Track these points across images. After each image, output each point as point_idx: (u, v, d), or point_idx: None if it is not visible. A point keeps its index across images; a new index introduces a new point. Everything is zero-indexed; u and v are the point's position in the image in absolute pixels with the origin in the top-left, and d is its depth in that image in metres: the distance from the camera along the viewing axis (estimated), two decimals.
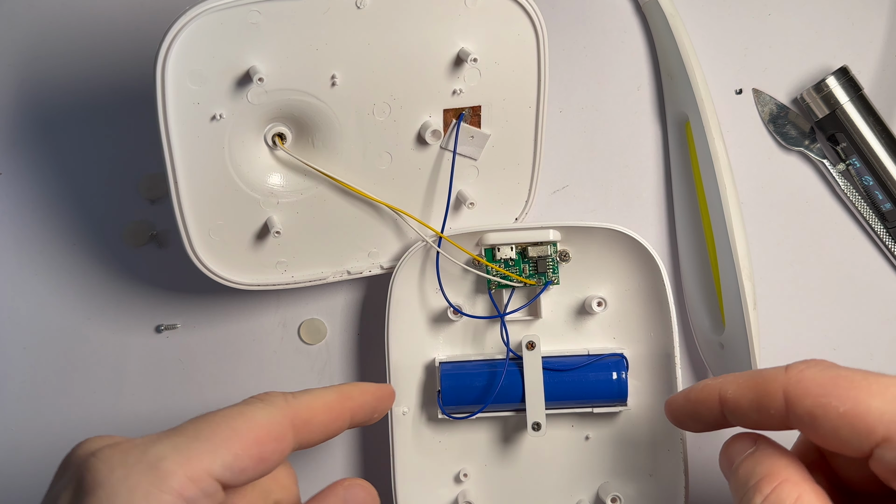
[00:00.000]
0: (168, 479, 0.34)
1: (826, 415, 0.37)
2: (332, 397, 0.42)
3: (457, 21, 0.50)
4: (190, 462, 0.34)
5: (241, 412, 0.37)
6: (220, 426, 0.36)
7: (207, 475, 0.35)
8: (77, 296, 0.58)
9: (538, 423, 0.52)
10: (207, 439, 0.35)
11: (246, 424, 0.37)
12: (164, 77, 0.46)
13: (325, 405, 0.41)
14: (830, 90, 0.57)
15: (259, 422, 0.37)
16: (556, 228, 0.53)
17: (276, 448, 0.38)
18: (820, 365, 0.39)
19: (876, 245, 0.59)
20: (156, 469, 0.34)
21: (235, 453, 0.36)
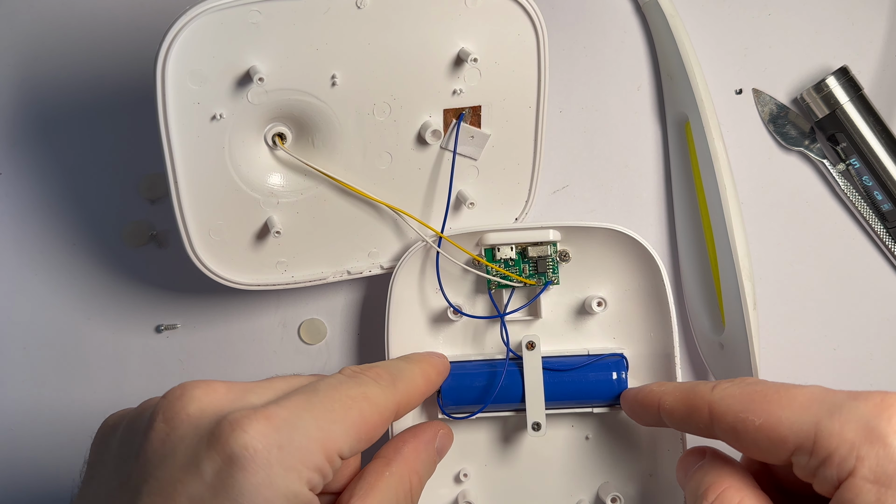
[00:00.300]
0: (313, 458, 0.36)
1: (745, 429, 0.39)
2: (422, 384, 0.46)
3: (457, 21, 0.50)
4: (328, 442, 0.37)
5: (365, 395, 0.40)
6: (351, 409, 0.39)
7: (338, 454, 0.38)
8: (77, 296, 0.58)
9: (538, 423, 0.52)
10: (342, 421, 0.38)
11: (370, 409, 0.40)
12: (165, 77, 0.46)
13: (419, 393, 0.46)
14: (830, 90, 0.57)
15: (378, 407, 0.40)
16: (555, 228, 0.53)
17: (384, 430, 0.41)
18: (743, 382, 0.42)
19: (876, 245, 0.59)
20: (305, 449, 0.36)
21: (359, 437, 0.39)
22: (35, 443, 0.58)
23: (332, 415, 0.38)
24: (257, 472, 0.35)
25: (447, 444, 0.49)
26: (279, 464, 0.35)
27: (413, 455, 0.45)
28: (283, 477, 0.35)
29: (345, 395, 0.39)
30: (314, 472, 0.36)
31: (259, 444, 0.35)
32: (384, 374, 0.43)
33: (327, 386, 0.39)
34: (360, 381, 0.41)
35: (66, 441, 0.58)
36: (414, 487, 0.44)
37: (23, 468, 0.58)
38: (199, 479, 0.35)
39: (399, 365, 0.46)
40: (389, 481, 0.42)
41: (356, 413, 0.39)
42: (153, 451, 0.37)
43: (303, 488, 0.36)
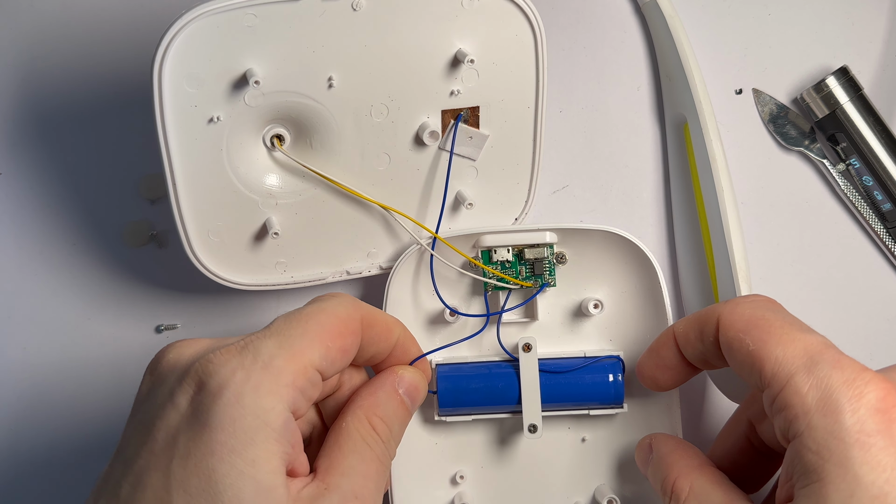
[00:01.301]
0: (283, 375, 0.37)
1: (739, 348, 0.41)
2: (390, 319, 0.46)
3: (454, 22, 0.50)
4: (294, 357, 0.38)
5: (322, 308, 0.41)
6: (310, 322, 0.40)
7: (310, 366, 0.39)
8: (77, 296, 0.58)
9: (534, 424, 0.53)
10: (302, 335, 0.39)
11: (329, 320, 0.40)
12: (161, 80, 0.46)
13: (383, 317, 0.45)
14: (830, 90, 0.57)
15: (339, 316, 0.41)
16: (552, 231, 0.53)
17: (354, 341, 0.42)
18: (756, 302, 0.43)
19: (876, 245, 0.59)
20: (270, 367, 0.37)
21: (327, 345, 0.40)
22: (35, 443, 0.58)
23: (290, 330, 0.39)
24: (223, 393, 0.36)
25: (415, 384, 0.47)
26: (245, 383, 0.36)
27: (368, 400, 0.44)
28: (251, 395, 0.36)
29: (300, 314, 0.40)
30: (287, 388, 0.37)
31: (222, 370, 0.37)
32: (347, 295, 0.44)
33: (282, 316, 0.41)
34: (316, 300, 0.42)
35: (66, 441, 0.58)
36: (378, 428, 0.43)
37: (23, 468, 0.58)
38: (175, 411, 0.37)
39: None
40: (350, 430, 0.42)
41: (314, 324, 0.40)
42: (140, 401, 0.40)
43: (276, 405, 0.37)
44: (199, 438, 0.36)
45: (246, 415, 0.36)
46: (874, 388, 0.37)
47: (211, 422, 0.36)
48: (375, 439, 0.43)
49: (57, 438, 0.58)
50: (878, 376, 0.38)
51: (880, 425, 0.36)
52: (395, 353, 0.47)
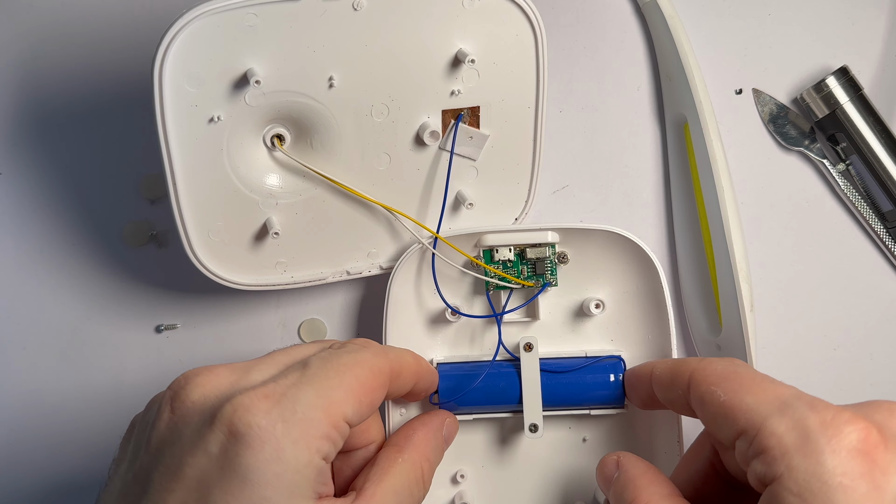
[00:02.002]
0: (320, 426, 0.37)
1: (711, 401, 0.41)
2: (411, 360, 0.46)
3: (454, 22, 0.50)
4: (331, 409, 0.38)
5: (358, 361, 0.41)
6: (347, 375, 0.39)
7: (343, 420, 0.38)
8: (77, 296, 0.58)
9: (535, 424, 0.52)
10: (339, 386, 0.39)
11: (363, 372, 0.40)
12: (162, 80, 0.46)
13: (408, 364, 0.45)
14: (830, 90, 0.57)
15: (374, 370, 0.41)
16: (554, 230, 0.53)
17: (382, 394, 0.42)
18: (730, 362, 0.43)
19: (876, 245, 0.59)
20: (309, 419, 0.37)
21: (360, 399, 0.39)
22: (35, 443, 0.58)
23: (329, 382, 0.39)
24: (263, 447, 0.36)
25: (453, 431, 0.50)
26: (285, 437, 0.36)
27: (423, 442, 0.46)
28: (291, 450, 0.36)
29: (337, 363, 0.40)
30: (322, 440, 0.37)
31: (263, 421, 0.36)
32: (371, 342, 0.44)
33: (318, 360, 0.40)
34: (349, 350, 0.42)
35: (66, 441, 0.58)
36: (425, 473, 0.45)
37: (23, 468, 0.58)
38: (206, 457, 0.36)
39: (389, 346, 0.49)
40: (402, 467, 0.43)
41: (351, 377, 0.40)
42: (161, 439, 0.38)
43: (313, 457, 0.37)
44: (237, 492, 0.35)
45: (288, 471, 0.36)
46: (854, 428, 0.36)
47: (251, 476, 0.35)
48: (421, 485, 0.44)
49: (57, 438, 0.58)
50: (856, 415, 0.37)
51: (862, 468, 0.35)
52: (416, 386, 0.48)
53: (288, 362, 0.41)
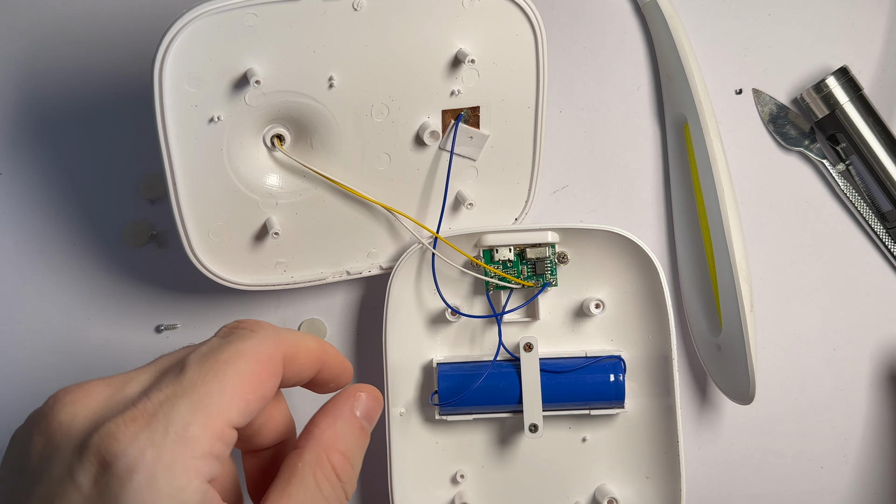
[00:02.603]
0: (199, 445, 0.33)
1: None
2: (313, 343, 0.41)
3: (455, 22, 0.50)
4: (212, 421, 0.34)
5: (241, 352, 0.36)
6: (228, 374, 0.35)
7: (228, 427, 0.34)
8: (77, 296, 0.58)
9: (535, 424, 0.53)
10: (220, 391, 0.34)
11: (248, 366, 0.36)
12: (162, 80, 0.46)
13: (307, 348, 0.40)
14: (830, 90, 0.57)
15: (261, 360, 0.36)
16: (554, 230, 0.53)
17: (275, 384, 0.37)
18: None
19: (876, 245, 0.59)
20: (184, 438, 0.33)
21: (247, 399, 0.35)
22: None
23: (206, 388, 0.34)
24: (133, 477, 0.32)
25: (373, 405, 0.42)
26: (157, 463, 0.32)
27: (328, 433, 0.39)
28: (165, 476, 0.32)
29: (216, 360, 0.35)
30: (203, 460, 0.33)
31: (130, 449, 0.32)
32: (263, 324, 0.38)
33: (197, 357, 0.35)
34: (232, 340, 0.37)
35: None
36: (339, 468, 0.39)
37: None
38: (77, 492, 0.32)
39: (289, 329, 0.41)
40: (304, 472, 0.38)
41: (234, 375, 0.35)
42: (32, 465, 0.34)
43: (192, 481, 0.33)
44: None
45: (161, 499, 0.32)
46: None
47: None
48: (335, 484, 0.38)
49: None
50: None
51: None
52: (321, 374, 0.42)
53: (167, 366, 0.36)
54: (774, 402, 0.59)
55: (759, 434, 0.59)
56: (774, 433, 0.59)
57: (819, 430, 0.60)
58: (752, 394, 0.53)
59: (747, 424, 0.59)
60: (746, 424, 0.59)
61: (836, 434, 0.60)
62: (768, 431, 0.59)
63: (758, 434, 0.59)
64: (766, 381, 0.59)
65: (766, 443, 0.59)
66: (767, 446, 0.59)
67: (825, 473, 0.60)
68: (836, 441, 0.59)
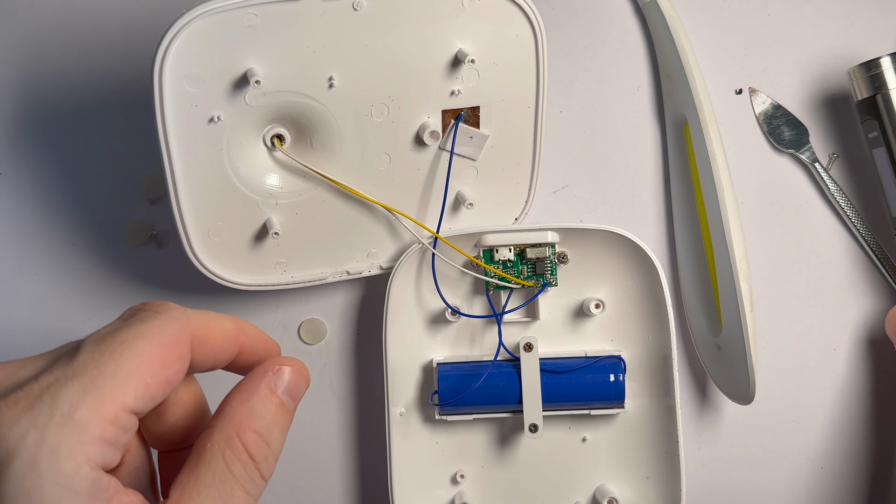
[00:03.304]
0: (88, 429, 0.31)
1: None
2: (229, 324, 0.38)
3: (455, 22, 0.50)
4: (104, 404, 0.31)
5: (141, 334, 0.33)
6: (124, 355, 0.32)
7: (124, 411, 0.32)
8: (77, 296, 0.58)
9: (535, 424, 0.53)
10: (115, 374, 0.32)
11: (148, 347, 0.33)
12: (162, 80, 0.46)
13: (221, 329, 0.37)
14: (881, 71, 0.55)
15: (164, 342, 0.34)
16: (554, 230, 0.53)
17: (181, 368, 0.34)
18: None
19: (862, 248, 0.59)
20: (71, 421, 0.30)
21: (146, 382, 0.32)
22: None
23: (100, 369, 0.32)
24: (13, 462, 0.30)
25: (297, 380, 0.38)
26: (39, 447, 0.30)
27: (240, 410, 0.36)
28: (48, 461, 0.30)
29: (112, 342, 0.33)
30: (94, 445, 0.31)
31: (10, 433, 0.30)
32: (170, 306, 0.35)
33: (93, 339, 0.33)
34: (133, 322, 0.34)
35: None
36: (252, 446, 0.35)
37: None
38: None
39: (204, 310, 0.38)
40: (213, 452, 0.35)
41: (131, 357, 0.32)
42: None
43: (81, 467, 0.30)
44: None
45: (44, 484, 0.30)
46: None
47: (4, 497, 0.30)
48: (247, 463, 0.35)
49: None
50: None
51: None
52: (242, 356, 0.39)
53: (64, 351, 0.34)
54: (774, 402, 0.59)
55: (759, 434, 0.59)
56: (774, 433, 0.59)
57: (819, 430, 0.60)
58: (752, 394, 0.53)
59: (747, 424, 0.59)
60: (746, 424, 0.59)
61: (836, 434, 0.60)
62: (768, 431, 0.59)
63: (758, 434, 0.59)
64: (766, 381, 0.59)
65: (766, 443, 0.59)
66: (767, 446, 0.59)
67: (825, 473, 0.60)
68: (836, 441, 0.59)
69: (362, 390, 0.59)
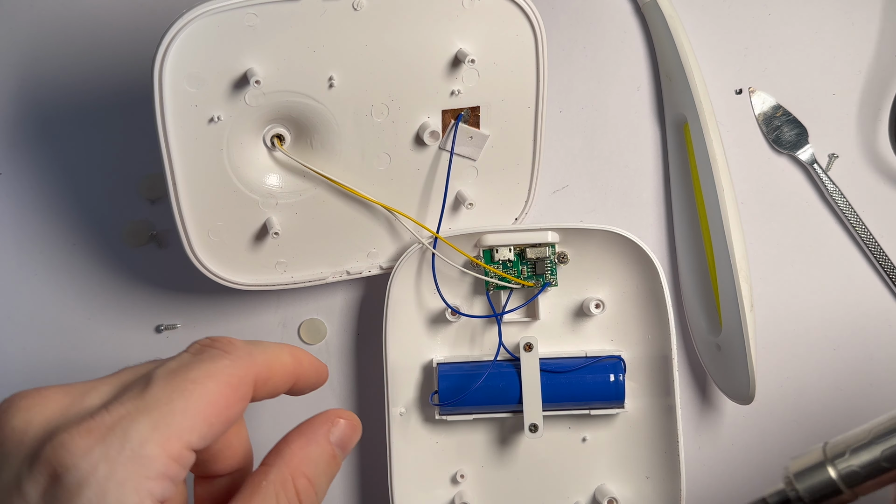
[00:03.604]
0: (154, 465, 0.32)
1: None
2: (287, 359, 0.39)
3: (454, 22, 0.50)
4: (170, 441, 0.32)
5: (211, 374, 0.34)
6: (195, 394, 0.33)
7: (186, 449, 0.33)
8: (77, 296, 0.58)
9: (535, 424, 0.53)
10: (183, 411, 0.33)
11: (217, 388, 0.34)
12: (162, 80, 0.46)
13: (281, 364, 0.39)
14: None
15: (229, 382, 0.35)
16: (554, 230, 0.53)
17: (243, 407, 0.36)
18: None
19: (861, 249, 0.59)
20: (140, 457, 0.32)
21: (210, 422, 0.34)
22: None
23: (170, 407, 0.33)
24: (82, 493, 0.31)
25: (350, 434, 0.40)
26: (109, 479, 0.31)
27: (298, 455, 0.38)
28: (115, 493, 0.31)
29: (184, 379, 0.34)
30: (157, 480, 0.32)
31: (83, 462, 0.31)
32: (237, 344, 0.37)
33: (165, 373, 0.34)
34: (203, 359, 0.35)
35: None
36: (303, 493, 0.37)
37: None
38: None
39: (262, 341, 0.40)
40: (268, 491, 0.36)
41: (199, 397, 0.33)
42: None
43: (143, 501, 0.32)
44: None
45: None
46: None
47: None
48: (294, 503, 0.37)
49: None
50: None
51: None
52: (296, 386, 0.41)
53: (131, 379, 0.35)
54: (774, 402, 0.59)
55: (759, 434, 0.59)
56: (774, 433, 0.59)
57: (819, 430, 0.59)
58: (752, 394, 0.53)
59: (747, 424, 0.59)
60: (746, 424, 0.59)
61: (836, 434, 0.59)
62: (768, 431, 0.59)
63: (758, 434, 0.59)
64: (766, 381, 0.59)
65: (766, 443, 0.59)
66: (767, 446, 0.59)
67: None
68: None
69: (362, 390, 0.59)
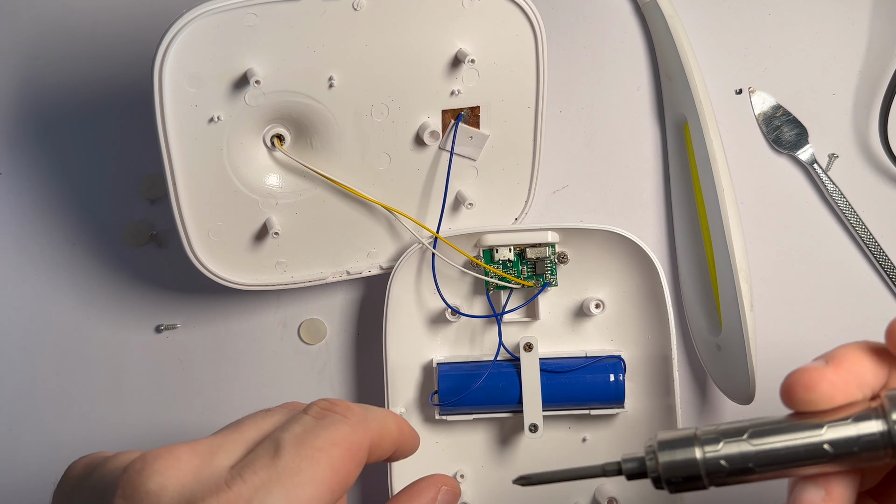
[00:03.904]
0: None
1: None
2: (392, 426, 0.41)
3: (454, 22, 0.50)
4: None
5: (335, 442, 0.36)
6: (322, 464, 0.35)
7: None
8: (77, 296, 0.58)
9: (535, 424, 0.53)
10: (311, 481, 0.34)
11: (339, 457, 0.36)
12: (162, 80, 0.46)
13: (389, 432, 0.40)
14: None
15: (350, 450, 0.36)
16: (554, 230, 0.53)
17: (357, 473, 0.37)
18: None
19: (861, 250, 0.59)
20: None
21: (333, 489, 0.35)
22: (35, 443, 0.58)
23: (300, 477, 0.34)
24: None
25: (451, 501, 0.43)
26: None
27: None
28: None
29: (311, 447, 0.35)
30: None
31: None
32: (355, 409, 0.38)
33: (293, 440, 0.35)
34: (326, 425, 0.36)
35: (66, 441, 0.58)
36: None
37: (22, 468, 0.58)
38: None
39: (369, 406, 0.41)
40: None
41: (325, 467, 0.35)
42: None
43: None
44: None
45: None
46: None
47: None
48: None
49: (57, 439, 0.58)
50: None
51: None
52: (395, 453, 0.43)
53: (257, 439, 0.36)
54: (774, 402, 0.59)
55: None
56: None
57: None
58: (752, 394, 0.53)
59: None
60: None
61: None
62: None
63: None
64: (766, 381, 0.59)
65: None
66: None
67: None
68: None
69: (362, 390, 0.59)
